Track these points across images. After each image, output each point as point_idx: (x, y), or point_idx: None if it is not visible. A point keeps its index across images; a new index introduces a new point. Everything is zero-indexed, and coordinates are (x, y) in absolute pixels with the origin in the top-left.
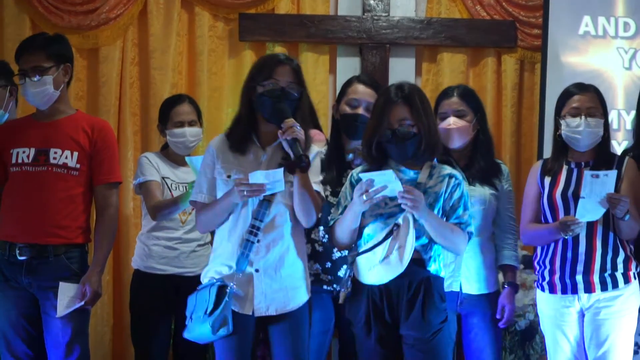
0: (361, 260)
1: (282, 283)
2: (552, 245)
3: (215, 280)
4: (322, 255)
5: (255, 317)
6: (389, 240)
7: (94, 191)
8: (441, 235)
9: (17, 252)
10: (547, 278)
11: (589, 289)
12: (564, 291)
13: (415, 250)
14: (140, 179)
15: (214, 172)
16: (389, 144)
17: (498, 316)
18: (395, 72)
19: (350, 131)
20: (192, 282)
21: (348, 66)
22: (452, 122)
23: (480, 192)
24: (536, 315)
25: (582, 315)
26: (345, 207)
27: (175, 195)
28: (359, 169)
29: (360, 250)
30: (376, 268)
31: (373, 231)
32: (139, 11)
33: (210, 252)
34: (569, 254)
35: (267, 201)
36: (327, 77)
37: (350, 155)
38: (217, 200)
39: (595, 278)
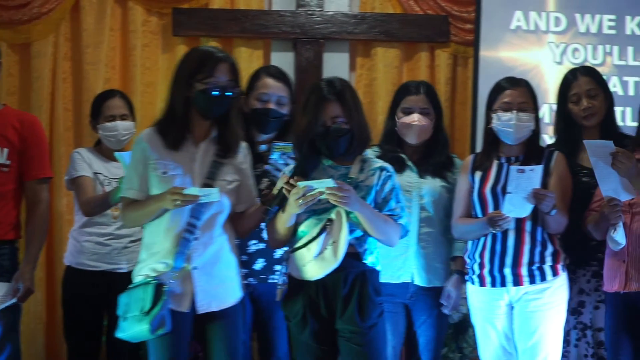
0: (296, 256)
1: (220, 278)
2: (482, 239)
3: (150, 279)
4: (238, 249)
5: (192, 314)
6: (323, 235)
7: (24, 187)
8: (374, 227)
9: None
10: (477, 271)
11: (517, 282)
12: (493, 284)
13: (350, 244)
14: (72, 175)
15: (146, 167)
16: (322, 140)
17: (443, 302)
18: (329, 66)
19: (261, 126)
20: (125, 279)
21: (282, 61)
22: (416, 118)
23: (430, 184)
24: (469, 309)
25: (511, 307)
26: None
27: (107, 191)
28: (290, 167)
29: (295, 246)
30: (311, 264)
31: (307, 227)
32: (72, 6)
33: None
34: (498, 248)
35: None
36: None
37: (263, 147)
38: (148, 201)
39: (524, 271)
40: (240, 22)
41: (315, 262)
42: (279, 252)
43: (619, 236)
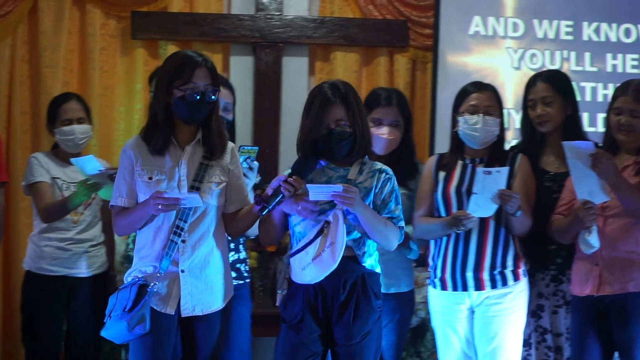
0: (294, 260)
1: (208, 283)
2: (444, 241)
3: (137, 279)
4: None
5: (178, 317)
6: (320, 238)
7: None
8: (374, 229)
9: None
10: (439, 275)
11: (479, 286)
12: (454, 288)
13: (348, 247)
14: (29, 180)
15: (133, 175)
16: (325, 143)
17: None
18: (288, 71)
19: None
20: (85, 283)
21: (241, 65)
22: (386, 132)
23: None
24: (428, 312)
25: (472, 312)
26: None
27: (66, 195)
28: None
29: (293, 250)
30: (309, 267)
31: (304, 229)
32: (29, 8)
33: (103, 253)
34: (460, 251)
35: None
36: None
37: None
38: (135, 208)
39: (485, 275)
40: (199, 25)
41: (313, 265)
42: (231, 258)
43: (593, 239)
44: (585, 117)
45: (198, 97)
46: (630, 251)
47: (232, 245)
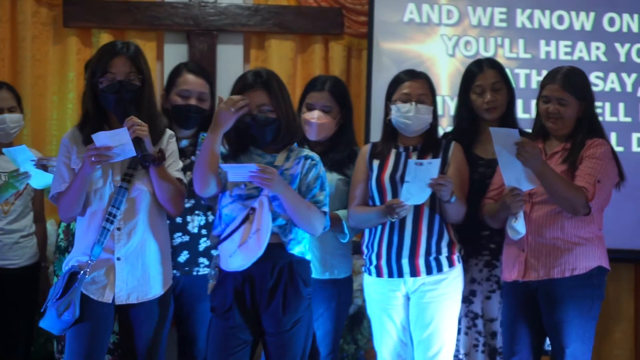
0: (222, 248)
1: (144, 271)
2: (379, 228)
3: (70, 268)
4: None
5: (114, 305)
6: (246, 224)
7: None
8: (297, 212)
9: None
10: (374, 262)
11: (414, 272)
12: (390, 275)
13: (275, 234)
14: None
15: (71, 163)
16: (248, 129)
17: None
18: (223, 59)
19: (183, 122)
20: (16, 274)
21: (175, 53)
22: (316, 116)
23: (327, 178)
24: (364, 300)
25: (407, 298)
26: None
27: None
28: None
29: (221, 238)
30: (236, 254)
31: (231, 211)
32: None
33: (34, 244)
34: (395, 238)
35: (124, 188)
36: (154, 64)
37: (184, 142)
38: (72, 180)
39: (421, 262)
40: (132, 13)
41: (239, 252)
42: (202, 245)
43: (519, 225)
44: (519, 103)
45: (117, 87)
46: (556, 238)
47: None
